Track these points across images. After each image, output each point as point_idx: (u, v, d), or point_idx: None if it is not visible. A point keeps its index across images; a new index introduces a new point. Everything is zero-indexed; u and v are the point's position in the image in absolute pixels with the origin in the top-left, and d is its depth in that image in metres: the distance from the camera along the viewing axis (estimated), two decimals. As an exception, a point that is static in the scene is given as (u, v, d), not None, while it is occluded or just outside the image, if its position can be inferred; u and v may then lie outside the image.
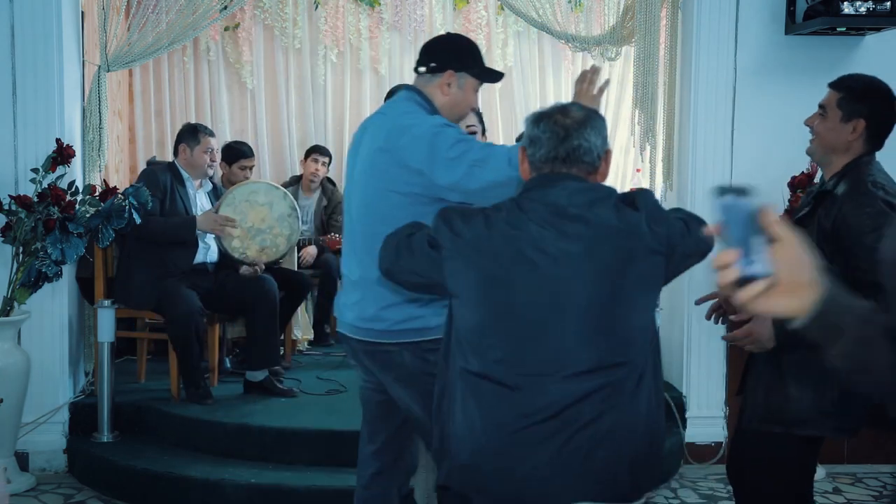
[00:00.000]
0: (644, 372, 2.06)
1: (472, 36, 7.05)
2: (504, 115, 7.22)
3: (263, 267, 4.82)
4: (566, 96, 7.14)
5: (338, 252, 5.28)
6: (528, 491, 2.05)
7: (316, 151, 6.28)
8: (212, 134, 4.92)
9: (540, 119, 2.15)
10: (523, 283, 2.03)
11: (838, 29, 4.49)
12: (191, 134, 4.85)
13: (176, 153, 4.89)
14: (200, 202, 4.88)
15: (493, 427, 2.05)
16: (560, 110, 2.16)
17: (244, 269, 4.79)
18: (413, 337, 2.63)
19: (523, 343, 2.04)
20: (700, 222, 2.15)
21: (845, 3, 4.29)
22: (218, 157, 5.04)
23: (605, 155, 2.14)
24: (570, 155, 2.11)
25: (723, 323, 2.89)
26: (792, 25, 4.59)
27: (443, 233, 2.12)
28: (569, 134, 2.11)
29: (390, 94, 5.59)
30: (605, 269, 2.02)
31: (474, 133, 3.46)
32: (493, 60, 7.11)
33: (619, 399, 2.01)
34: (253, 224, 4.75)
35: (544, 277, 2.02)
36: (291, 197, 4.92)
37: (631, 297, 2.04)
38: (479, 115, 3.65)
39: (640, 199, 2.10)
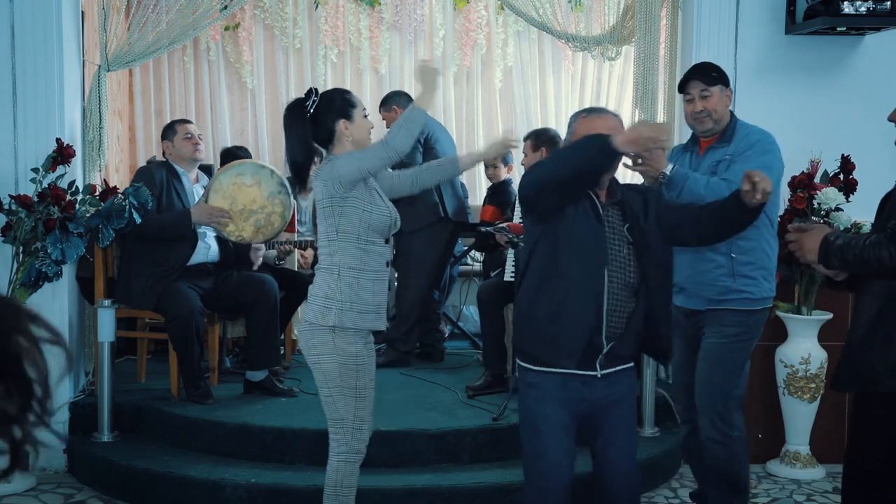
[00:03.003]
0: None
1: (471, 36, 7.07)
2: (504, 114, 7.22)
3: (291, 247, 4.92)
4: (566, 96, 7.15)
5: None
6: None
7: None
8: (188, 121, 5.00)
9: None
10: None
11: (838, 29, 4.49)
12: (168, 129, 4.91)
13: (164, 153, 4.92)
14: (198, 195, 4.86)
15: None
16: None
17: (268, 254, 4.97)
18: None
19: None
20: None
21: (845, 2, 4.30)
22: (203, 143, 5.08)
23: None
24: None
25: None
26: (792, 25, 4.59)
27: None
28: None
29: (390, 96, 5.64)
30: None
31: None
32: (493, 60, 7.11)
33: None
34: (244, 206, 4.67)
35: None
36: (279, 173, 4.77)
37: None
38: None
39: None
